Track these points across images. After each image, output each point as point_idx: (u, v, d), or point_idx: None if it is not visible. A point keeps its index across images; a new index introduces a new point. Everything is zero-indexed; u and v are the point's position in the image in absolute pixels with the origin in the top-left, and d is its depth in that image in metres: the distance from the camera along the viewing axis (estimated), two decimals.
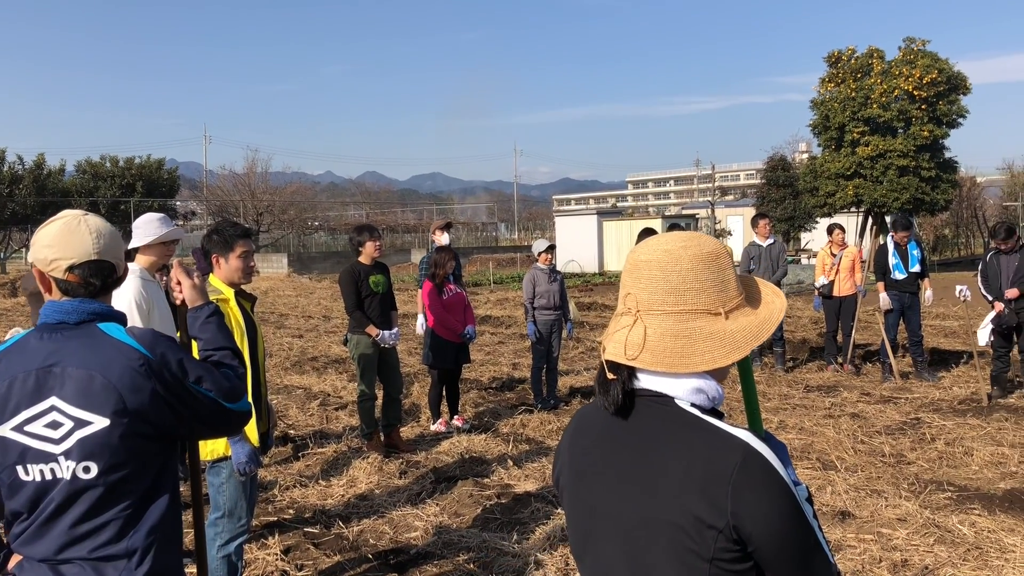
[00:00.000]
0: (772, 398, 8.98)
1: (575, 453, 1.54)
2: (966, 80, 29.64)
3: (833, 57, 31.55)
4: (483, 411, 8.71)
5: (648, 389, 1.42)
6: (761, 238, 10.65)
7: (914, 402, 8.59)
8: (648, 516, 1.37)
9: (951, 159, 30.84)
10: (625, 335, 1.43)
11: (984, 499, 5.56)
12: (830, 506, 5.44)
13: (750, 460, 1.31)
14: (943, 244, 46.69)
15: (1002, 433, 7.18)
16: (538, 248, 8.84)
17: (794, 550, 1.32)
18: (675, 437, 1.37)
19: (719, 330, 1.40)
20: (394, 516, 5.57)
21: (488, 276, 30.82)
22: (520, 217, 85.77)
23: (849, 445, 6.83)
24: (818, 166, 31.69)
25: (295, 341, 14.44)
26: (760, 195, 37.77)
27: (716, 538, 1.30)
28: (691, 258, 1.42)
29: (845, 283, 10.42)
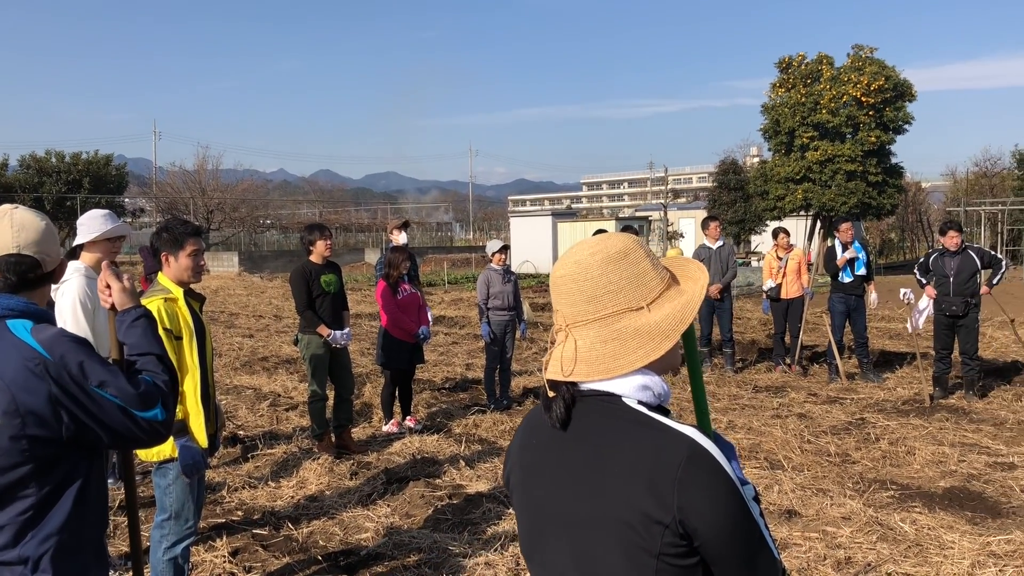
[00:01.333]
0: (722, 398, 9.10)
1: (525, 453, 1.55)
2: (912, 87, 30.35)
3: (784, 63, 32.09)
4: (436, 412, 8.69)
5: (596, 389, 1.44)
6: (711, 240, 10.78)
7: (859, 402, 8.77)
8: (596, 513, 1.38)
9: (897, 164, 31.56)
10: (560, 352, 1.46)
11: (925, 497, 5.70)
12: (777, 505, 5.53)
13: (696, 456, 1.33)
14: (889, 248, 47.69)
15: (943, 433, 7.36)
16: (492, 248, 8.85)
17: (739, 545, 1.35)
18: (622, 435, 1.39)
19: (645, 324, 1.42)
20: (344, 517, 5.54)
21: (443, 276, 30.75)
22: (475, 217, 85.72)
23: (796, 445, 6.95)
24: (768, 170, 32.20)
25: (245, 341, 14.27)
26: (712, 198, 38.25)
27: (663, 533, 1.32)
28: (600, 263, 1.44)
29: (792, 286, 10.61)
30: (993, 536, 4.84)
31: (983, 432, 7.39)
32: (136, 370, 2.21)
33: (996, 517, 5.30)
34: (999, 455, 6.68)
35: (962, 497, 5.70)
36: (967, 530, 5.02)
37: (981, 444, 7.01)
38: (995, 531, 4.98)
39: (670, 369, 1.50)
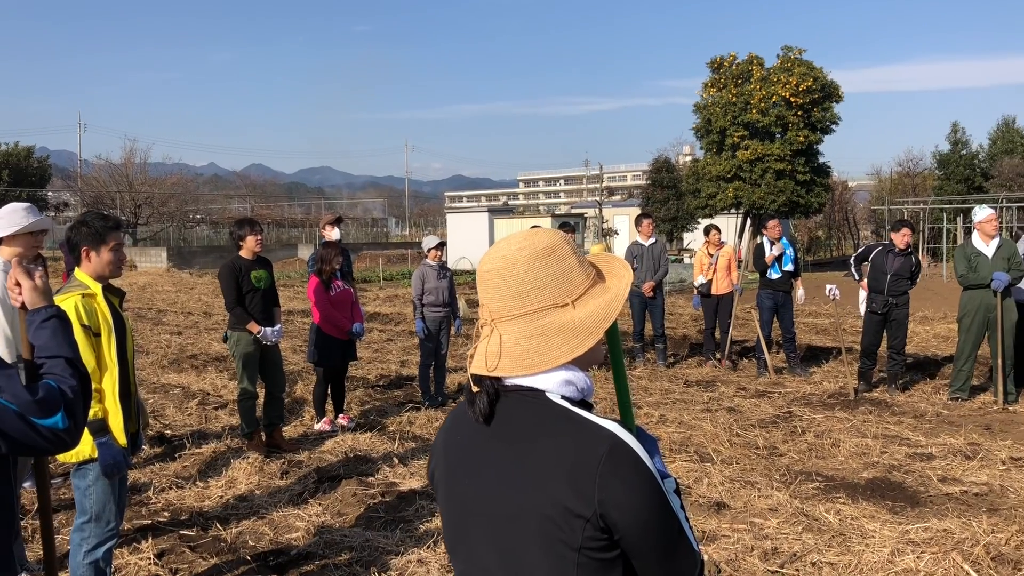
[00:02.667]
0: (654, 393, 9.22)
1: (449, 449, 1.55)
2: (839, 88, 31.13)
3: (716, 63, 32.61)
4: (369, 409, 8.62)
5: (519, 384, 1.43)
6: (644, 238, 10.90)
7: (787, 396, 8.97)
8: (519, 508, 1.38)
9: (824, 164, 32.34)
10: (485, 346, 1.46)
11: (849, 488, 5.86)
12: (706, 497, 5.62)
13: (617, 450, 1.34)
14: (817, 245, 48.88)
15: (866, 425, 7.57)
16: (427, 245, 8.81)
17: (659, 537, 1.36)
18: (545, 430, 1.39)
19: (569, 320, 1.42)
20: (275, 517, 5.45)
21: (378, 273, 30.51)
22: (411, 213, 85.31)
23: (725, 438, 7.07)
24: (700, 168, 32.71)
25: (174, 338, 13.95)
26: (645, 196, 38.70)
27: (584, 527, 1.33)
28: (527, 259, 1.44)
29: (722, 282, 10.80)
30: (911, 524, 4.99)
31: (904, 424, 7.62)
32: (41, 374, 2.11)
33: (915, 506, 5.46)
34: (919, 446, 6.90)
35: (883, 487, 5.87)
36: (888, 519, 5.17)
37: (902, 436, 7.23)
38: (913, 519, 5.13)
39: (593, 364, 1.51)
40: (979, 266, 8.24)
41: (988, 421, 7.74)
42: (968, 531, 4.79)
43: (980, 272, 8.21)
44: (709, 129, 32.00)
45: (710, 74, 32.79)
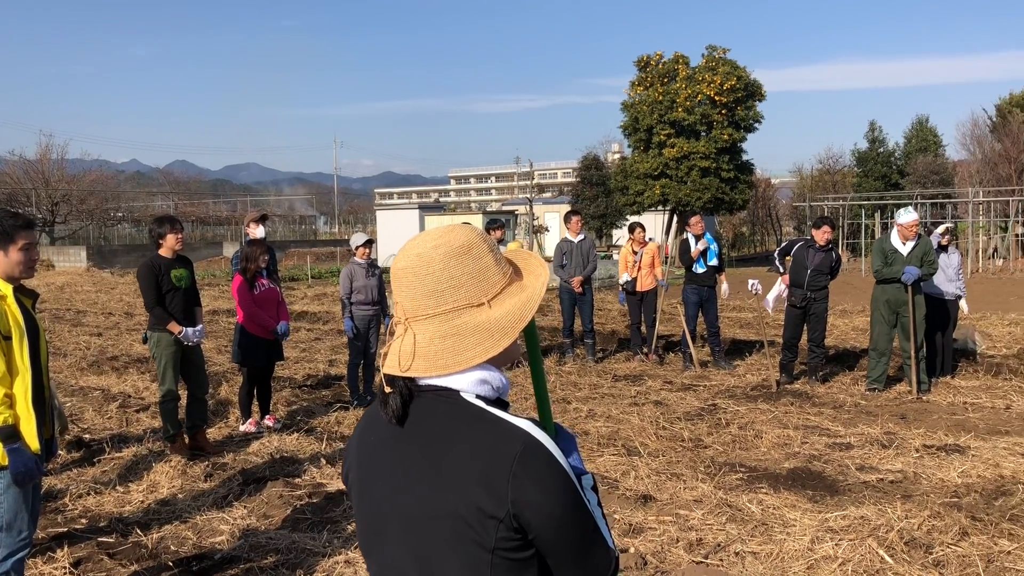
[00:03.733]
0: (583, 388, 9.29)
1: (363, 450, 1.53)
2: (761, 88, 31.86)
3: (642, 61, 33.04)
4: (296, 410, 8.50)
5: (433, 384, 1.42)
6: (573, 234, 10.99)
7: (712, 389, 9.15)
8: (432, 509, 1.37)
9: (748, 162, 33.07)
10: (398, 346, 1.44)
11: (771, 478, 6.00)
12: (633, 490, 5.69)
13: (531, 449, 1.34)
14: (741, 241, 49.94)
15: (788, 416, 7.77)
16: (356, 242, 8.71)
17: (573, 536, 1.37)
18: (459, 430, 1.38)
19: (485, 320, 1.41)
20: (198, 521, 5.33)
21: (306, 271, 30.08)
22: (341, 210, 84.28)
23: (652, 431, 7.18)
24: (628, 166, 33.13)
25: (93, 339, 13.53)
26: (575, 193, 38.98)
27: (497, 527, 1.32)
28: (442, 257, 1.42)
29: (647, 278, 10.96)
30: (831, 512, 5.14)
31: (824, 415, 7.84)
32: None
33: (834, 495, 5.63)
34: (838, 436, 7.10)
35: (804, 477, 6.03)
36: (808, 508, 5.31)
37: (822, 426, 7.43)
38: (833, 508, 5.29)
39: (509, 362, 1.51)
40: (894, 262, 8.53)
41: (903, 410, 8.01)
42: (883, 517, 4.95)
43: (895, 267, 8.49)
44: (636, 127, 32.43)
45: (637, 73, 33.21)
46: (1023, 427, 7.27)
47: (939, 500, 5.35)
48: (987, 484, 5.69)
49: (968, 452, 6.50)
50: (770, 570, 4.39)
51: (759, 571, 4.38)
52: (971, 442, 6.76)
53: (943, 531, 4.76)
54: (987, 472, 5.96)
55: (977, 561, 4.33)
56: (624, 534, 4.88)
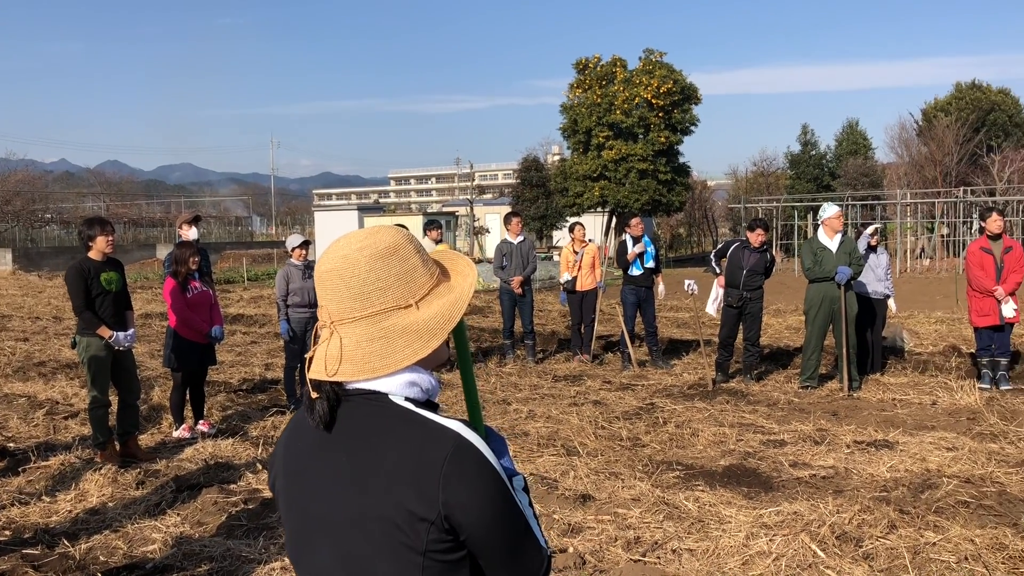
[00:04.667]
0: (523, 388, 9.32)
1: (290, 455, 1.50)
2: (697, 91, 32.35)
3: (581, 64, 33.28)
4: (232, 414, 8.35)
5: (361, 388, 1.41)
6: (512, 236, 11.01)
7: (649, 388, 9.25)
8: (362, 514, 1.36)
9: (685, 164, 33.56)
10: (324, 350, 1.42)
11: (707, 475, 6.09)
12: (572, 490, 5.72)
13: (461, 451, 1.33)
14: (678, 242, 50.65)
15: (724, 414, 7.89)
16: (292, 243, 8.60)
17: (504, 536, 1.36)
18: (388, 433, 1.37)
19: (413, 322, 1.40)
20: (129, 530, 5.20)
21: (242, 273, 29.60)
22: (278, 211, 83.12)
23: (591, 431, 7.23)
24: (568, 168, 33.33)
25: (19, 345, 13.11)
26: (516, 194, 39.08)
27: (428, 530, 1.32)
28: (368, 259, 1.41)
29: (587, 278, 11.04)
30: (765, 508, 5.23)
31: (759, 413, 7.99)
32: None
33: (768, 491, 5.73)
34: (772, 433, 7.24)
35: (739, 474, 6.13)
36: (743, 504, 5.40)
37: (757, 424, 7.57)
38: (767, 504, 5.38)
39: (438, 364, 1.50)
40: (824, 260, 8.74)
41: (835, 407, 8.21)
42: (816, 513, 5.06)
43: (825, 266, 8.70)
44: (575, 129, 32.65)
45: (576, 75, 33.44)
46: (949, 422, 7.50)
47: (869, 494, 5.49)
48: (914, 478, 5.86)
49: (896, 447, 6.68)
50: (706, 566, 4.45)
51: (695, 568, 4.44)
52: (899, 437, 6.95)
53: (872, 525, 4.88)
54: (914, 466, 6.14)
55: (904, 553, 4.45)
56: (563, 534, 4.90)
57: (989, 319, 8.60)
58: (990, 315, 8.58)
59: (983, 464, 6.11)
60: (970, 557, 4.40)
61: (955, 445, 6.62)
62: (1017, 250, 8.82)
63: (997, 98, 42.03)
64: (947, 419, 7.62)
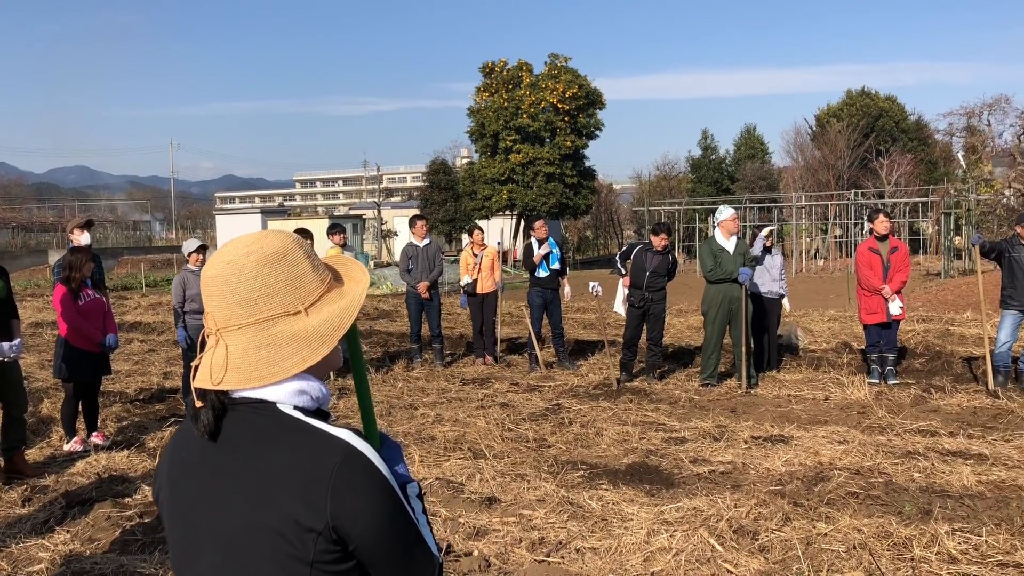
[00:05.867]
0: (431, 393, 9.28)
1: (174, 467, 1.46)
2: (602, 96, 32.87)
3: (487, 68, 33.42)
4: (127, 425, 8.06)
5: (248, 397, 1.38)
6: (418, 239, 10.97)
7: (556, 389, 9.34)
8: (248, 526, 1.33)
9: (590, 168, 34.06)
10: (210, 358, 1.39)
11: (611, 474, 6.18)
12: (478, 493, 5.72)
13: (350, 460, 1.32)
14: (585, 244, 51.32)
15: (627, 413, 8.03)
16: (188, 248, 8.39)
17: (395, 545, 1.36)
18: (275, 443, 1.34)
19: (302, 329, 1.38)
20: (14, 550, 4.96)
21: (140, 279, 28.63)
22: (179, 215, 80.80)
23: (498, 433, 7.25)
24: (476, 171, 33.42)
25: None
26: (424, 197, 38.97)
27: (316, 541, 1.30)
28: (254, 264, 1.38)
29: (487, 281, 11.09)
30: (666, 505, 5.35)
31: (661, 411, 8.16)
32: None
33: (669, 488, 5.86)
34: (673, 431, 7.40)
35: (642, 471, 6.24)
36: (645, 502, 5.50)
37: (659, 422, 7.73)
38: (668, 500, 5.50)
39: (330, 371, 1.48)
40: (723, 261, 9.00)
41: (733, 404, 8.45)
42: (714, 508, 5.19)
43: (724, 267, 8.96)
44: (483, 132, 32.76)
45: (483, 79, 33.56)
46: (840, 416, 7.81)
47: (765, 488, 5.66)
48: (808, 471, 6.08)
49: (791, 442, 6.91)
50: (609, 564, 4.52)
51: (598, 566, 4.50)
52: (794, 432, 7.20)
53: (768, 518, 5.04)
54: (808, 460, 6.36)
55: (797, 544, 4.61)
56: (468, 537, 4.91)
57: (877, 316, 8.99)
58: (878, 313, 8.98)
59: (871, 456, 6.38)
60: (858, 546, 4.59)
61: (846, 438, 6.89)
62: (902, 250, 9.26)
63: (885, 105, 44.06)
64: (839, 413, 7.94)
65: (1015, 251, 8.57)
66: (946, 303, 16.97)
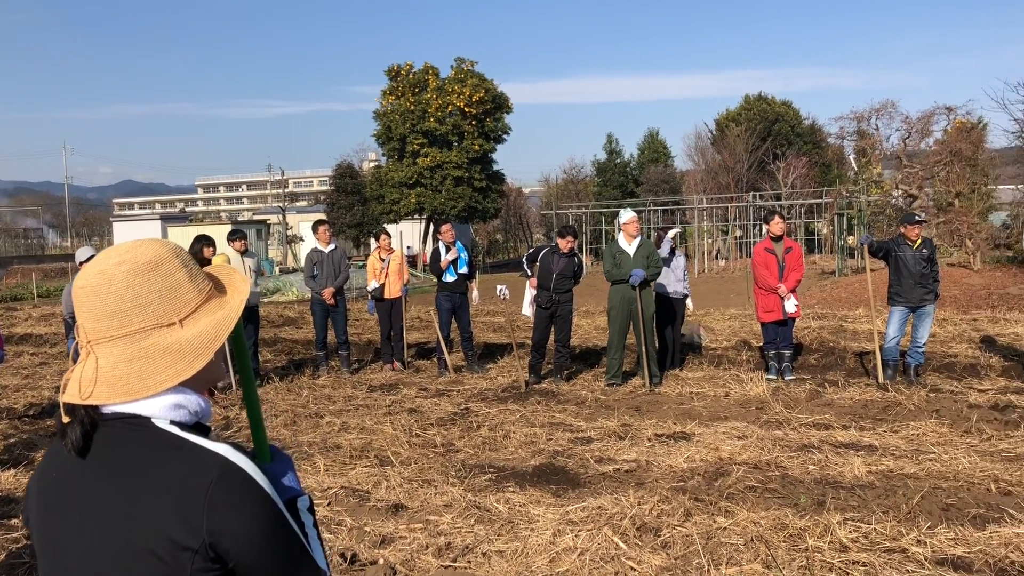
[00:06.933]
0: (337, 400, 9.16)
1: (43, 488, 1.40)
2: (508, 100, 33.06)
3: (393, 71, 33.21)
4: (15, 443, 7.69)
5: (121, 412, 1.33)
6: (323, 244, 10.82)
7: (465, 393, 9.34)
8: (121, 547, 1.28)
9: (499, 171, 34.21)
10: (79, 371, 1.34)
11: (518, 476, 6.21)
12: (385, 500, 5.67)
13: (227, 474, 1.29)
14: (496, 248, 51.50)
15: (535, 415, 8.09)
16: (80, 257, 8.09)
17: (276, 561, 1.32)
18: (150, 459, 1.30)
19: (176, 341, 1.34)
20: None
21: (32, 289, 27.40)
22: (74, 222, 77.66)
23: (405, 440, 7.21)
24: (383, 175, 33.17)
25: None
26: (330, 201, 38.46)
27: (192, 559, 1.26)
28: (126, 274, 1.34)
29: (394, 286, 11.03)
30: (572, 505, 5.40)
31: (568, 411, 8.24)
32: None
33: (575, 488, 5.92)
34: (580, 431, 7.49)
35: (548, 473, 6.29)
36: (552, 503, 5.55)
37: (566, 423, 7.81)
38: (574, 500, 5.56)
39: (212, 384, 1.44)
40: (623, 263, 9.17)
41: (638, 403, 8.60)
42: (618, 506, 5.27)
43: (623, 268, 9.13)
44: (390, 136, 32.55)
45: (389, 82, 33.33)
46: (740, 412, 8.03)
47: (667, 485, 5.78)
48: (708, 467, 6.23)
49: (693, 438, 7.08)
50: (515, 567, 4.54)
51: (504, 569, 4.52)
52: (696, 429, 7.37)
53: (670, 514, 5.15)
54: (709, 456, 6.53)
55: (697, 539, 4.72)
56: (374, 546, 4.86)
57: (774, 315, 9.29)
58: (774, 311, 9.28)
59: (769, 450, 6.59)
60: (755, 538, 4.73)
61: (745, 433, 7.10)
62: (796, 250, 9.60)
63: (781, 109, 45.59)
64: (738, 409, 8.16)
65: (901, 250, 8.97)
66: (840, 300, 17.67)
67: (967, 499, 5.29)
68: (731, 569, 4.39)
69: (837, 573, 4.32)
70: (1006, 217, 27.50)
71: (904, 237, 9.07)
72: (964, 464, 6.05)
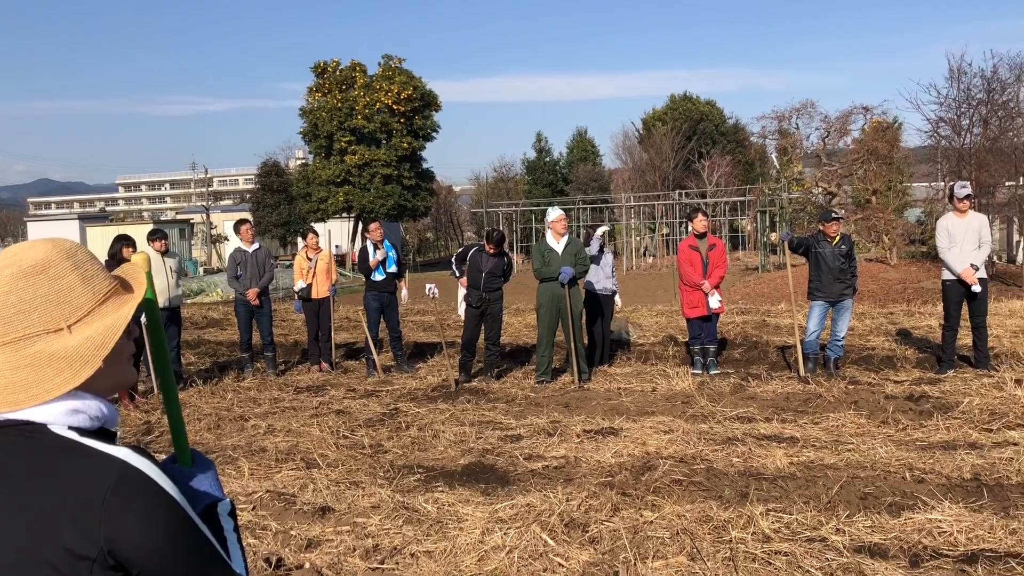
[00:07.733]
0: (263, 403, 9.00)
1: None
2: (437, 98, 32.96)
3: (320, 67, 32.81)
4: None
5: (12, 420, 1.27)
6: (246, 244, 10.61)
7: (394, 393, 9.27)
8: (16, 558, 1.22)
9: (428, 169, 34.09)
10: None
11: (447, 476, 6.18)
12: (311, 503, 5.59)
13: (126, 478, 1.24)
14: (427, 246, 51.31)
15: (465, 414, 8.07)
16: None
17: (185, 568, 1.28)
18: (44, 467, 1.24)
19: (62, 348, 1.29)
20: None
21: None
22: None
23: (332, 442, 7.11)
24: (310, 173, 32.73)
25: None
26: (256, 200, 37.80)
27: (91, 569, 1.21)
28: (9, 279, 1.29)
29: (322, 286, 10.90)
30: (501, 503, 5.40)
31: (498, 409, 8.24)
32: None
33: (504, 486, 5.92)
34: (509, 429, 7.50)
35: (478, 471, 6.28)
36: (481, 501, 5.54)
37: (496, 421, 7.81)
38: (503, 498, 5.56)
39: (119, 388, 1.39)
40: (551, 261, 9.22)
41: (567, 400, 8.65)
42: (547, 503, 5.29)
43: (552, 266, 9.19)
44: (317, 133, 32.14)
45: (315, 79, 32.90)
46: (666, 407, 8.14)
47: (595, 480, 5.83)
48: (636, 461, 6.30)
49: (621, 433, 7.15)
50: (443, 567, 4.51)
51: (432, 569, 4.49)
52: (624, 424, 7.45)
53: (598, 509, 5.19)
54: (636, 450, 6.60)
55: (624, 534, 4.77)
56: (300, 550, 4.78)
57: (698, 310, 9.45)
58: (699, 307, 9.44)
59: (694, 444, 6.69)
60: (681, 531, 4.80)
61: (671, 428, 7.20)
62: (720, 247, 9.78)
63: (705, 109, 46.46)
64: (665, 404, 8.27)
65: (820, 246, 9.21)
66: (763, 295, 18.10)
67: (883, 488, 5.46)
68: (657, 562, 4.45)
69: (760, 564, 4.41)
70: (920, 213, 28.51)
71: (823, 234, 9.32)
72: (881, 454, 6.24)
